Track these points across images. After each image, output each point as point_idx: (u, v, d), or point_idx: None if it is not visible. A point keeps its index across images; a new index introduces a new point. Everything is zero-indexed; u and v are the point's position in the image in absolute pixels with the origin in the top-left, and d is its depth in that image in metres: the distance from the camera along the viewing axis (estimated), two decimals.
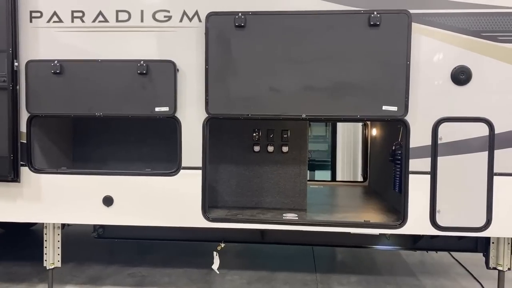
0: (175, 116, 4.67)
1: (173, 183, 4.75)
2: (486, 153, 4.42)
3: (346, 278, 5.84)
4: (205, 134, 4.67)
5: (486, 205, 4.45)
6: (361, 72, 4.45)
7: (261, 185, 5.65)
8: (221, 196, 5.69)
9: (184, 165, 4.73)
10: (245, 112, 4.60)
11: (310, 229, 4.75)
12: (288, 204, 5.62)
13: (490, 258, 4.81)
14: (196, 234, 5.14)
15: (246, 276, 5.90)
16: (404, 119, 4.47)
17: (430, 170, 4.49)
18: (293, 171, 5.63)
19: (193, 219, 4.75)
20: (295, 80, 4.52)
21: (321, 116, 4.62)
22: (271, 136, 5.64)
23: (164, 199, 4.76)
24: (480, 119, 4.42)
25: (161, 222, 4.81)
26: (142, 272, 6.06)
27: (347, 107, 4.52)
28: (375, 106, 4.46)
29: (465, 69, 4.41)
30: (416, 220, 4.54)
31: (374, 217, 5.19)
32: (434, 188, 4.50)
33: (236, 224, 4.79)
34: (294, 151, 5.63)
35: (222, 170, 5.67)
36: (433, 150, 4.48)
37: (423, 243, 4.99)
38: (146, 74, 4.62)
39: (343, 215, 5.21)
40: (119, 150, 5.79)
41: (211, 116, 4.63)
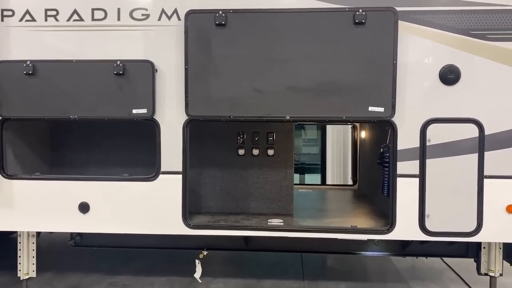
0: (153, 119, 4.48)
1: (152, 188, 4.55)
2: (476, 155, 4.28)
3: (335, 285, 5.66)
4: (185, 137, 4.48)
5: (476, 209, 4.29)
6: (346, 72, 4.29)
7: (246, 190, 5.46)
8: (205, 202, 5.49)
9: (164, 169, 4.53)
10: (227, 113, 4.42)
11: (296, 235, 4.57)
12: (274, 209, 5.44)
13: (481, 264, 4.66)
14: (178, 241, 4.94)
15: (232, 284, 5.69)
16: (391, 120, 4.31)
17: (418, 173, 4.34)
18: (279, 174, 5.45)
19: (174, 226, 4.55)
20: (278, 80, 4.35)
21: (306, 118, 4.46)
22: (256, 138, 5.46)
23: (143, 205, 4.56)
24: (469, 120, 4.27)
25: (140, 229, 4.60)
26: (123, 281, 5.83)
27: (332, 108, 4.35)
28: (361, 107, 4.30)
29: (453, 69, 4.26)
30: (405, 225, 4.38)
31: (362, 222, 5.02)
32: (423, 191, 4.34)
33: (218, 231, 4.59)
34: (280, 154, 5.46)
35: (205, 174, 5.48)
36: (421, 152, 4.33)
37: (413, 249, 4.82)
38: (123, 75, 4.43)
39: (330, 220, 5.03)
40: (100, 154, 5.58)
41: (192, 118, 4.44)
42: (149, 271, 6.15)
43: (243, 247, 4.97)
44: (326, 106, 4.35)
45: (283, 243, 4.88)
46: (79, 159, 5.50)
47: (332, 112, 4.37)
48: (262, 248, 5.00)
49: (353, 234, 4.50)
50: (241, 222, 4.87)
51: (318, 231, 4.53)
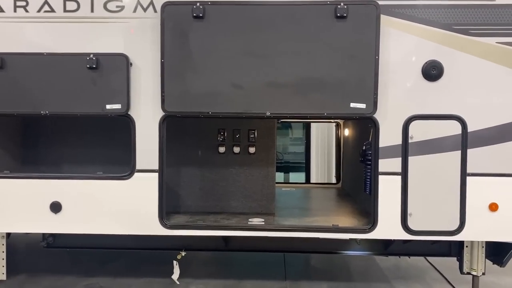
0: (128, 114, 4.31)
1: (126, 187, 4.38)
2: (459, 152, 4.20)
3: (317, 285, 5.54)
4: (161, 133, 4.32)
5: (459, 207, 4.22)
6: (327, 67, 4.18)
7: (226, 189, 5.33)
8: (184, 201, 5.33)
9: (139, 167, 4.37)
10: (205, 109, 4.27)
11: (276, 235, 4.44)
12: (255, 208, 5.31)
13: (464, 263, 4.60)
14: (155, 242, 4.77)
15: (212, 285, 5.54)
16: (373, 117, 4.21)
17: (400, 170, 4.26)
18: (260, 173, 5.33)
19: (150, 226, 4.39)
20: (258, 75, 4.22)
21: (287, 114, 4.34)
22: (237, 136, 5.33)
23: (118, 204, 4.39)
24: (452, 117, 4.20)
25: (114, 230, 4.43)
26: (100, 283, 5.63)
27: (314, 104, 4.24)
28: (343, 103, 4.20)
29: (436, 64, 4.18)
30: (387, 224, 4.29)
31: (344, 221, 4.92)
32: (405, 189, 4.26)
33: (196, 231, 4.45)
34: (262, 152, 5.33)
35: (184, 173, 5.32)
36: (403, 150, 4.24)
37: (395, 248, 4.74)
38: (97, 69, 4.25)
39: (312, 219, 4.93)
40: (75, 152, 5.38)
41: (168, 114, 4.29)
42: (127, 272, 5.95)
43: (222, 247, 4.83)
44: (308, 102, 4.24)
45: (264, 243, 4.76)
46: (52, 157, 5.29)
47: (313, 109, 4.26)
48: (242, 248, 4.87)
49: (334, 233, 4.39)
50: (221, 222, 4.73)
51: (299, 230, 4.41)
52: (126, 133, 4.42)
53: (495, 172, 4.18)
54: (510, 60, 4.11)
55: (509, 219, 4.19)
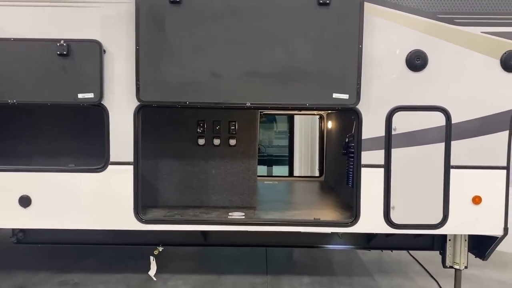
0: (101, 104, 4.11)
1: (100, 180, 4.19)
2: (443, 144, 4.12)
3: (299, 279, 5.45)
4: (137, 124, 4.14)
5: (442, 200, 4.15)
6: (309, 56, 4.04)
7: (206, 182, 5.17)
8: (162, 195, 5.16)
9: (113, 160, 4.18)
10: (183, 99, 4.09)
11: (256, 229, 4.31)
12: (236, 202, 5.17)
13: (446, 257, 4.53)
14: (131, 237, 4.59)
15: (191, 280, 5.40)
16: (356, 108, 4.10)
17: (383, 163, 4.16)
18: (241, 166, 5.18)
19: (124, 221, 4.21)
20: (238, 64, 4.06)
21: (268, 104, 4.18)
22: (217, 127, 5.16)
23: (91, 198, 4.20)
24: (436, 108, 4.11)
25: (87, 224, 4.24)
26: (75, 279, 5.44)
27: (295, 94, 4.10)
28: (325, 94, 4.07)
29: (421, 54, 4.08)
30: (369, 218, 4.19)
31: (326, 214, 4.82)
32: (388, 182, 4.16)
33: (173, 225, 4.29)
34: (243, 144, 5.18)
35: (162, 165, 5.14)
36: (386, 142, 4.14)
37: (378, 242, 4.65)
38: (68, 56, 4.03)
39: (293, 213, 4.81)
40: (47, 144, 5.14)
41: (143, 104, 4.10)
42: (104, 268, 5.78)
43: (201, 242, 4.68)
44: (289, 93, 4.09)
45: (244, 238, 4.62)
46: (23, 149, 5.04)
47: (295, 99, 4.12)
48: (222, 243, 4.73)
49: (316, 227, 4.28)
50: (199, 216, 4.58)
51: (280, 224, 4.29)
52: (101, 124, 4.22)
53: (479, 165, 4.12)
54: (496, 50, 4.03)
55: (492, 212, 4.13)
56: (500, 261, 6.02)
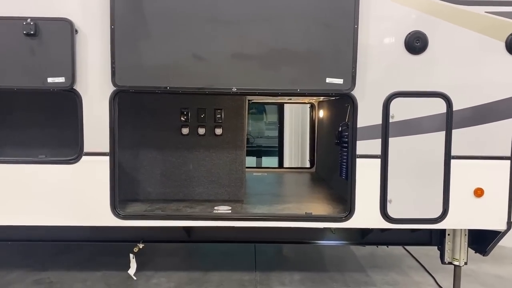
0: (73, 89, 3.76)
1: (73, 172, 3.85)
2: (443, 133, 3.84)
3: (289, 276, 5.18)
4: (113, 111, 3.80)
5: (442, 193, 3.88)
6: (301, 37, 3.72)
7: (190, 174, 4.85)
8: (143, 188, 4.83)
9: (87, 150, 3.84)
10: (162, 84, 3.75)
11: (243, 224, 4.01)
12: (222, 195, 4.87)
13: (445, 252, 4.28)
14: (109, 233, 4.27)
15: (175, 278, 5.10)
16: (350, 93, 3.79)
17: (380, 153, 3.87)
18: (228, 156, 4.86)
19: (100, 216, 3.89)
20: (223, 45, 3.72)
21: (255, 90, 3.85)
22: (202, 116, 4.83)
23: (63, 192, 3.86)
24: (437, 94, 3.82)
25: (59, 221, 3.91)
26: (51, 277, 5.10)
27: (285, 79, 3.78)
28: (318, 78, 3.76)
29: (420, 36, 3.78)
30: (365, 212, 3.92)
31: (318, 208, 4.53)
32: (385, 174, 3.88)
33: (153, 221, 3.97)
34: (229, 134, 4.86)
35: (143, 156, 4.80)
36: (383, 130, 3.85)
37: (373, 237, 4.38)
38: (35, 36, 3.66)
39: (283, 207, 4.51)
40: (20, 133, 4.76)
41: (120, 89, 3.75)
42: (82, 265, 5.44)
43: (185, 238, 4.36)
44: (279, 77, 3.77)
45: (230, 233, 4.33)
46: None
47: (285, 84, 3.80)
48: (207, 239, 4.42)
49: (307, 222, 3.99)
50: (182, 211, 4.27)
51: (269, 219, 3.99)
52: (70, 111, 3.87)
53: (481, 155, 3.85)
54: (500, 32, 3.74)
55: (495, 205, 3.88)
56: (498, 255, 5.81)
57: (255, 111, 13.82)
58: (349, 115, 4.70)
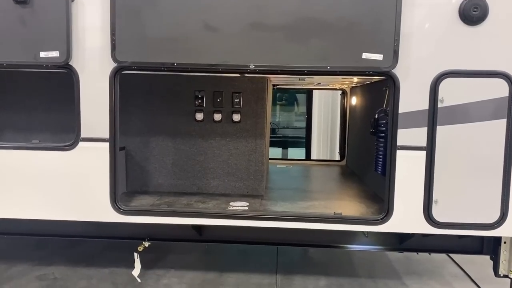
0: (69, 65, 3.31)
1: (69, 160, 3.41)
2: (504, 121, 3.17)
3: (315, 281, 4.61)
4: (113, 91, 3.33)
5: (501, 194, 3.22)
6: (332, 4, 3.11)
7: (205, 165, 4.35)
8: (154, 179, 4.37)
9: (85, 135, 3.39)
10: (169, 60, 3.25)
11: (260, 224, 3.47)
12: (240, 189, 4.35)
13: (500, 263, 3.61)
14: (111, 229, 3.81)
15: (188, 279, 4.62)
16: (391, 72, 3.18)
17: (426, 144, 3.24)
18: (247, 146, 4.33)
19: (99, 211, 3.45)
20: (239, 14, 3.18)
21: (277, 68, 3.27)
22: (218, 100, 4.30)
23: (58, 182, 3.44)
24: (496, 74, 3.16)
25: (53, 214, 3.49)
26: (55, 273, 4.72)
27: (313, 54, 3.21)
28: (353, 53, 3.17)
29: (479, 3, 3.10)
30: (405, 214, 3.32)
31: (348, 207, 3.94)
32: (430, 169, 3.27)
33: (158, 218, 3.48)
34: (249, 120, 4.31)
35: (153, 144, 4.34)
36: (430, 117, 3.24)
37: (413, 242, 3.75)
38: (26, 4, 3.22)
39: (308, 204, 3.95)
40: (20, 117, 4.39)
41: (121, 65, 3.26)
42: (88, 260, 5.04)
43: (196, 237, 3.86)
44: (305, 52, 3.20)
45: (247, 233, 3.80)
46: None
47: (313, 60, 3.22)
48: (220, 239, 3.90)
49: (336, 224, 3.41)
50: (193, 206, 3.78)
51: (290, 219, 3.44)
52: (67, 91, 3.42)
53: None
54: None
55: None
56: None
57: (285, 103, 13.29)
58: (387, 100, 4.07)
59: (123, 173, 4.30)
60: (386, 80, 4.12)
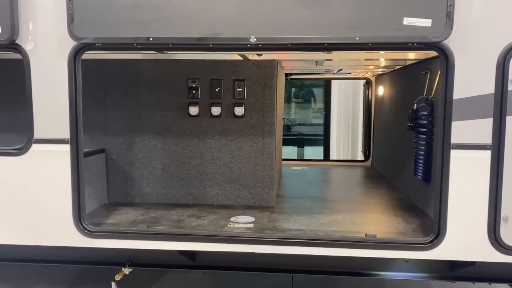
0: (16, 45, 2.54)
1: (20, 167, 2.65)
2: None
3: None
4: (74, 78, 2.56)
5: None
6: None
7: (202, 169, 3.56)
8: (140, 187, 3.60)
9: (39, 136, 2.61)
10: (142, 34, 2.45)
11: (266, 250, 2.66)
12: (245, 199, 3.56)
13: None
14: (80, 252, 3.01)
15: None
16: (443, 44, 2.33)
17: (491, 141, 2.38)
18: (253, 146, 3.52)
19: (59, 233, 2.67)
20: None
21: (286, 42, 2.43)
22: (216, 90, 3.49)
23: (4, 196, 2.66)
24: None
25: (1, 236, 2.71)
26: None
27: (335, 21, 2.35)
28: (390, 19, 2.32)
29: None
30: (462, 236, 2.48)
31: (382, 223, 3.09)
32: (497, 175, 2.42)
33: (135, 242, 2.69)
34: (255, 115, 3.50)
35: (139, 145, 3.56)
36: (498, 104, 2.39)
37: (468, 269, 2.86)
38: None
39: (330, 219, 3.12)
40: None
41: (82, 43, 2.48)
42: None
43: (187, 263, 3.05)
44: (324, 18, 2.36)
45: (251, 258, 2.96)
46: None
47: (334, 30, 2.38)
48: (218, 265, 3.07)
49: (368, 249, 2.57)
50: (185, 223, 3.01)
51: (306, 243, 2.61)
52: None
53: None
54: None
55: None
56: None
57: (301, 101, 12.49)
58: (428, 86, 3.21)
59: (102, 181, 3.54)
60: (427, 62, 3.28)
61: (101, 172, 3.57)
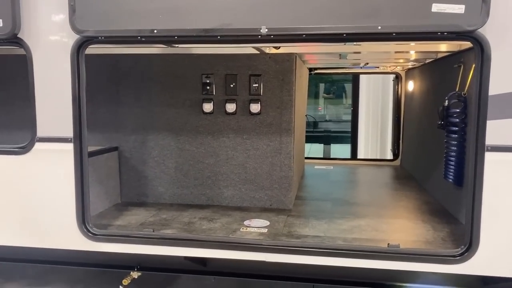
0: (18, 39, 2.45)
1: (22, 166, 2.56)
2: None
3: None
4: (77, 73, 2.44)
5: None
6: None
7: (216, 169, 3.40)
8: (153, 187, 3.48)
9: (42, 134, 2.51)
10: (147, 26, 2.30)
11: (277, 259, 2.46)
12: (261, 201, 3.37)
13: None
14: (88, 255, 2.91)
15: None
16: (478, 33, 2.06)
17: None
18: (269, 145, 3.32)
19: (62, 236, 2.57)
20: None
21: (301, 32, 2.22)
22: (231, 85, 3.31)
23: (7, 196, 2.58)
24: None
25: (3, 238, 2.64)
26: None
27: (355, 9, 2.12)
28: (417, 5, 2.06)
29: None
30: (499, 248, 2.19)
31: (408, 230, 2.84)
32: None
33: (141, 246, 2.56)
34: (272, 112, 3.30)
35: (152, 144, 3.44)
36: None
37: (504, 286, 2.59)
38: None
39: (352, 225, 2.89)
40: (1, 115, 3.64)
41: (85, 37, 2.36)
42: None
43: (198, 268, 2.90)
44: (341, 6, 2.13)
45: (266, 265, 2.78)
46: None
47: (355, 19, 2.14)
48: (230, 271, 2.91)
49: (390, 261, 2.33)
50: (195, 226, 2.86)
51: (321, 252, 2.40)
52: None
53: None
54: None
55: None
56: None
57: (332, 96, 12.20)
58: (461, 81, 2.92)
59: (115, 180, 3.44)
60: (460, 54, 2.99)
61: (114, 171, 3.46)
